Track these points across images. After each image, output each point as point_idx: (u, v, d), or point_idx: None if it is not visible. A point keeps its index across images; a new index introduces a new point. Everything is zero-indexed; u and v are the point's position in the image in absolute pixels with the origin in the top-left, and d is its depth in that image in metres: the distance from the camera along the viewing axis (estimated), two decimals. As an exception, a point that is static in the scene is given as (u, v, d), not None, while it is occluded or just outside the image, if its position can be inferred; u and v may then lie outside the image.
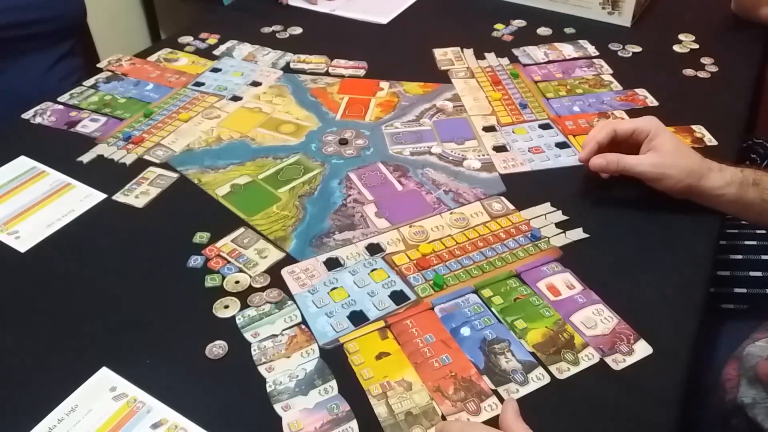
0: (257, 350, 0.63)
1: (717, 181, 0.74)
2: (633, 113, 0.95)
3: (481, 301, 0.68)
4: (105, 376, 0.61)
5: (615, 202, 0.80)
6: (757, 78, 1.07)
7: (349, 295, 0.68)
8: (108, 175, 0.85)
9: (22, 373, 0.62)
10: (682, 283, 0.69)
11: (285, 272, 0.71)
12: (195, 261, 0.72)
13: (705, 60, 1.08)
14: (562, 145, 0.90)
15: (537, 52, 1.11)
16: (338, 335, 0.64)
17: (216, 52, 1.14)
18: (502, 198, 0.81)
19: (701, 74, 1.04)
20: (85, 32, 1.36)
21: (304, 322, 0.66)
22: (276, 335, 0.64)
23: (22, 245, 0.75)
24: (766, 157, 1.09)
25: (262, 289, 0.69)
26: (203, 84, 1.05)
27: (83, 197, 0.82)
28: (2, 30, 1.11)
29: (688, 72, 1.05)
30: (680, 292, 0.68)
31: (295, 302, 0.68)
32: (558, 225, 0.76)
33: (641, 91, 1.01)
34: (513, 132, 0.93)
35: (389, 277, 0.70)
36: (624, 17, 1.19)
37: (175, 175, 0.86)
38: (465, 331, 0.64)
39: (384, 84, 1.04)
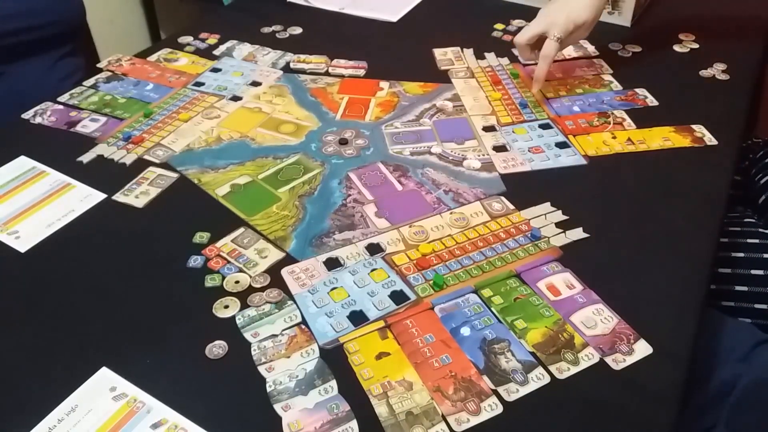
0: (257, 350, 0.63)
1: None
2: (633, 113, 0.95)
3: (481, 301, 0.68)
4: (105, 376, 0.61)
5: (615, 202, 0.80)
6: (758, 78, 1.07)
7: (349, 295, 0.68)
8: (108, 175, 0.85)
9: (22, 373, 0.62)
10: (682, 282, 0.69)
11: (285, 272, 0.71)
12: (195, 261, 0.72)
13: (705, 60, 1.08)
14: (562, 145, 0.90)
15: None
16: (338, 335, 0.64)
17: (216, 52, 1.14)
18: (502, 198, 0.81)
19: (702, 74, 1.04)
20: (85, 32, 1.36)
21: (304, 322, 0.66)
22: (276, 335, 0.64)
23: (22, 245, 0.75)
24: (765, 156, 1.09)
25: (262, 289, 0.69)
26: (203, 84, 1.05)
27: (83, 197, 0.82)
28: (2, 38, 1.12)
29: (689, 72, 1.05)
30: (680, 292, 0.68)
31: (295, 302, 0.68)
32: (558, 225, 0.76)
33: (641, 91, 1.01)
34: (513, 132, 0.93)
35: (389, 277, 0.70)
36: (624, 17, 1.19)
37: (175, 175, 0.85)
38: (465, 331, 0.64)
39: (384, 84, 1.04)
